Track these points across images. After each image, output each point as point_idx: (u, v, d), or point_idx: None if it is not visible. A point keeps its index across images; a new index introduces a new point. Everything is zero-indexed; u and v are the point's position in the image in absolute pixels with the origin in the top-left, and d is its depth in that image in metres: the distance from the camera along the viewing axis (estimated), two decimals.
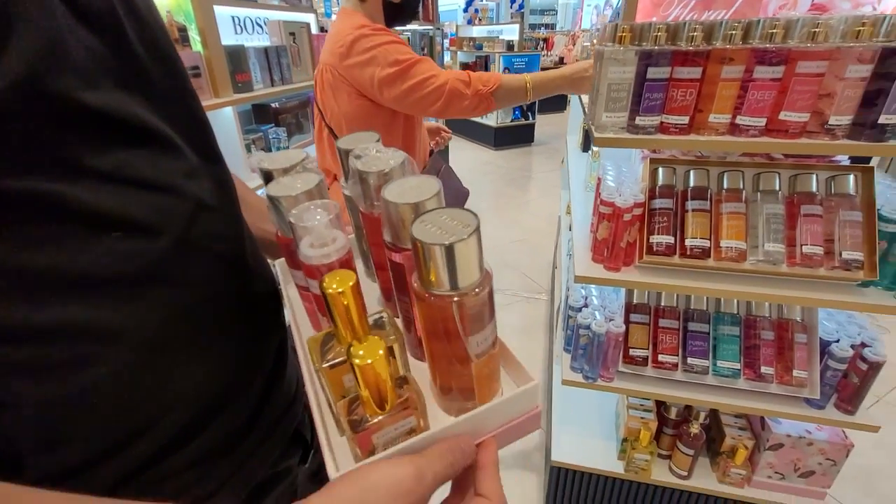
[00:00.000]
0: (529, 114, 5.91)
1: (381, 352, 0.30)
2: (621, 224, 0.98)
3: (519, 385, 0.40)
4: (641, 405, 1.27)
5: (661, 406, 1.27)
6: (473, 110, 1.15)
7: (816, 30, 0.75)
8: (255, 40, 2.04)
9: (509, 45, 5.51)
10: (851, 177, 0.93)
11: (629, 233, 0.99)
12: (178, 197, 0.35)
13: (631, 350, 1.12)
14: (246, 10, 1.95)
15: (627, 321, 1.13)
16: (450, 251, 0.29)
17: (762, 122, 0.82)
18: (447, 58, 7.17)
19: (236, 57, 1.61)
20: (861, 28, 0.73)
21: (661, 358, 1.11)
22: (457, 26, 6.63)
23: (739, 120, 0.83)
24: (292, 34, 1.94)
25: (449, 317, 0.32)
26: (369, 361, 0.30)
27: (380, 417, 0.32)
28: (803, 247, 0.92)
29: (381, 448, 0.33)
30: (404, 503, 0.28)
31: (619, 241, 0.99)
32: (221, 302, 0.39)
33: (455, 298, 0.31)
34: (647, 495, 1.28)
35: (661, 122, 0.87)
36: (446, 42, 6.78)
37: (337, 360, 0.35)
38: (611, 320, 1.09)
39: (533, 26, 9.48)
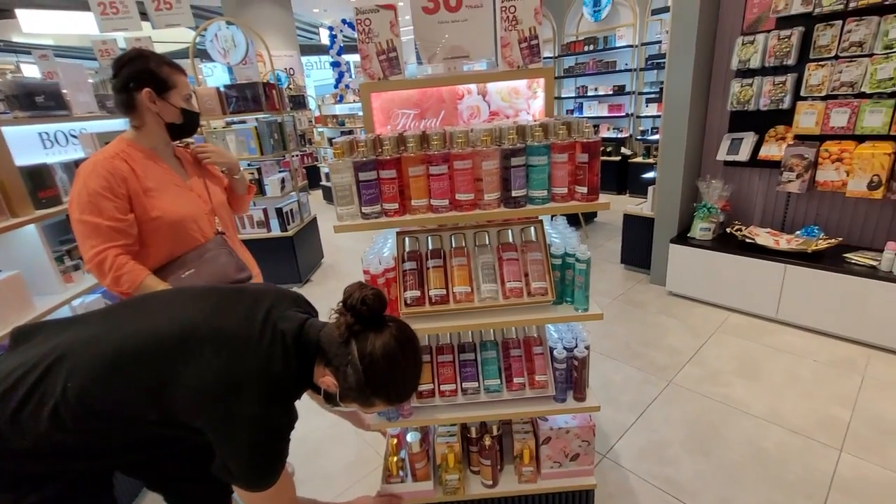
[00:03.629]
0: None
1: None
2: (380, 287, 1.23)
3: None
4: (448, 432, 1.49)
5: (464, 429, 1.50)
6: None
7: (460, 139, 1.10)
8: (70, 152, 2.07)
9: None
10: (533, 228, 1.30)
11: (388, 292, 1.24)
12: None
13: (420, 387, 1.34)
14: (56, 125, 2.00)
15: None
16: None
17: (446, 201, 1.13)
18: (315, 134, 7.53)
19: (38, 175, 1.66)
20: (486, 137, 1.09)
21: (443, 388, 1.34)
22: (319, 105, 7.04)
23: (433, 202, 1.14)
24: (107, 143, 2.01)
25: None
26: None
27: None
28: (508, 283, 1.24)
29: None
30: None
31: None
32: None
33: None
34: None
35: (383, 209, 1.15)
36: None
37: None
38: None
39: None
